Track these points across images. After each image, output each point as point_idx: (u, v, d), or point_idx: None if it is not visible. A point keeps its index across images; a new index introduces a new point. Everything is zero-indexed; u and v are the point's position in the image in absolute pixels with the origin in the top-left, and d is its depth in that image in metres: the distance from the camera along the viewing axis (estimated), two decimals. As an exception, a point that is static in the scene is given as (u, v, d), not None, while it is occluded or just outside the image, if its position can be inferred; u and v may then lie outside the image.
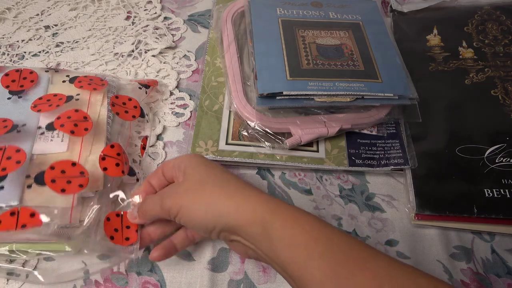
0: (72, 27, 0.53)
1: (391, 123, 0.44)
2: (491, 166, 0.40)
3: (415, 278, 0.23)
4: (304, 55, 0.43)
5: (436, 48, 0.49)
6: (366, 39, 0.45)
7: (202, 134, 0.42)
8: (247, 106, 0.42)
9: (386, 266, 0.24)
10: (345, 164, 0.41)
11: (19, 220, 0.31)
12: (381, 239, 0.38)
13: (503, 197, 0.38)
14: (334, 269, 0.24)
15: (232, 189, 0.29)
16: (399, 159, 0.41)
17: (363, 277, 0.23)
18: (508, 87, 0.45)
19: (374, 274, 0.23)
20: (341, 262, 0.24)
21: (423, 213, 0.38)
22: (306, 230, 0.26)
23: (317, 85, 0.40)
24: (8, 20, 0.54)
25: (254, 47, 0.43)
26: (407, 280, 0.23)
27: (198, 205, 0.29)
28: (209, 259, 0.36)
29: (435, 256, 0.37)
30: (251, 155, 0.41)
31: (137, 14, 0.55)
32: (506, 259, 0.37)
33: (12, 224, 0.30)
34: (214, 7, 0.52)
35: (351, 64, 0.42)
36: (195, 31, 0.54)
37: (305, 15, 0.48)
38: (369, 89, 0.40)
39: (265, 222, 0.27)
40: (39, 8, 0.55)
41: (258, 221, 0.27)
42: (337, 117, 0.42)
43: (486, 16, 0.51)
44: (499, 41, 0.49)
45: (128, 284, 0.35)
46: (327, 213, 0.40)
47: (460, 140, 0.41)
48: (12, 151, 0.33)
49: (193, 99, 0.47)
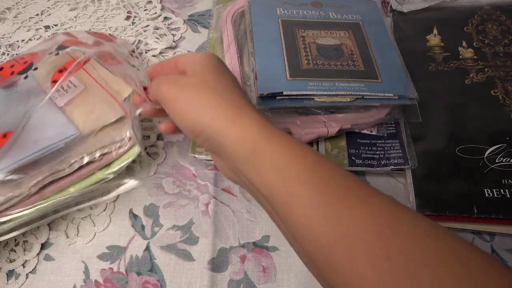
0: (72, 27, 0.53)
1: (391, 123, 0.44)
2: (491, 166, 0.40)
3: (418, 221, 0.21)
4: (304, 55, 0.43)
5: (436, 48, 0.49)
6: (366, 39, 0.45)
7: (202, 134, 0.42)
8: (247, 106, 0.42)
9: (386, 204, 0.21)
10: (345, 164, 0.41)
11: None
12: (381, 239, 0.38)
13: (503, 197, 0.38)
14: (327, 198, 0.21)
15: (230, 102, 0.26)
16: (399, 159, 0.41)
17: (360, 210, 0.21)
18: (508, 87, 0.45)
19: (372, 209, 0.21)
20: (337, 193, 0.22)
21: (423, 213, 0.38)
22: (299, 158, 0.23)
23: (317, 85, 0.40)
24: (8, 20, 0.54)
25: (254, 47, 0.43)
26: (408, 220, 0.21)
27: (192, 105, 0.27)
28: (209, 259, 0.36)
29: (435, 256, 0.37)
30: (251, 155, 0.41)
31: (137, 14, 0.55)
32: (506, 259, 0.37)
33: None
34: (214, 7, 0.52)
35: (351, 64, 0.42)
36: (195, 31, 0.54)
37: (305, 15, 0.48)
38: (369, 89, 0.40)
39: (256, 145, 0.24)
40: (39, 8, 0.55)
41: (249, 142, 0.24)
42: (337, 117, 0.42)
43: (486, 16, 0.51)
44: (499, 41, 0.49)
45: (128, 284, 0.35)
46: (327, 213, 0.40)
47: (460, 140, 0.41)
48: None
49: (193, 99, 0.47)
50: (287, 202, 0.22)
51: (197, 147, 0.41)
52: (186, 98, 0.27)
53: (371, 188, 0.23)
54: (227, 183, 0.41)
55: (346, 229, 0.20)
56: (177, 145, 0.44)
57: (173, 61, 0.32)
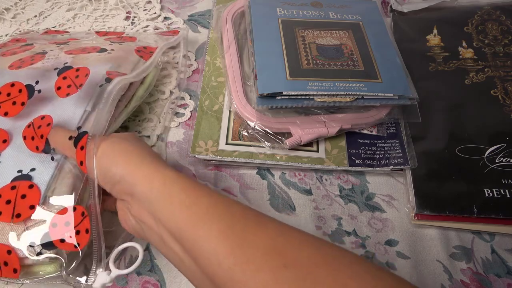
0: (71, 27, 0.53)
1: (391, 123, 0.44)
2: (491, 166, 0.40)
3: (306, 235, 0.25)
4: (304, 55, 0.43)
5: (436, 48, 0.49)
6: (366, 39, 0.45)
7: (202, 134, 0.42)
8: (247, 106, 0.42)
9: (281, 227, 0.25)
10: (345, 164, 0.41)
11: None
12: (381, 239, 0.38)
13: (503, 197, 0.38)
14: (231, 226, 0.24)
15: (140, 153, 0.29)
16: (399, 159, 0.41)
17: (259, 234, 0.24)
18: (508, 87, 0.45)
19: (270, 231, 0.25)
20: (239, 222, 0.25)
21: (423, 213, 0.38)
22: (205, 198, 0.26)
23: (317, 85, 0.40)
24: (6, 21, 0.54)
25: (254, 47, 0.43)
26: (298, 236, 0.25)
27: (110, 150, 0.29)
28: (209, 259, 0.36)
29: (435, 256, 0.37)
30: (251, 155, 0.41)
31: (136, 14, 0.55)
32: (506, 259, 0.37)
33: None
34: (214, 7, 0.52)
35: (351, 64, 0.42)
36: (195, 31, 0.54)
37: (305, 15, 0.48)
38: (369, 89, 0.40)
39: (168, 181, 0.27)
40: (37, 9, 0.55)
41: (161, 179, 0.27)
42: (337, 117, 0.42)
43: (486, 16, 0.51)
44: (499, 41, 0.49)
45: (128, 284, 0.35)
46: (327, 213, 0.40)
47: (460, 140, 0.41)
48: None
49: (193, 99, 0.47)
50: (195, 234, 0.24)
51: (197, 148, 0.41)
52: (102, 149, 0.29)
53: (267, 216, 0.26)
54: (227, 183, 0.41)
55: (248, 251, 0.23)
56: (177, 145, 0.44)
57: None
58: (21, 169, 0.32)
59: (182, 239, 0.25)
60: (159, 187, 0.26)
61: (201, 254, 0.24)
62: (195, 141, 0.42)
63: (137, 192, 0.27)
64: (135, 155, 0.28)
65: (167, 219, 0.26)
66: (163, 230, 0.27)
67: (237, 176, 0.42)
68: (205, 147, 0.41)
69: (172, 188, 0.26)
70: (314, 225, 0.39)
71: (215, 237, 0.24)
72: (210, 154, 0.41)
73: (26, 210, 0.30)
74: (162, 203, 0.26)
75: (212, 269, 0.24)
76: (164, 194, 0.26)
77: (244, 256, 0.23)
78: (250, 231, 0.24)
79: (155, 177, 0.27)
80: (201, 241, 0.24)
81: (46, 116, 0.34)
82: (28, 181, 0.31)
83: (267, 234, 0.24)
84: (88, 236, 0.29)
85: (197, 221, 0.25)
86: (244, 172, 0.42)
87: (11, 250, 0.29)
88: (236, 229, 0.24)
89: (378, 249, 0.38)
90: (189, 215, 0.25)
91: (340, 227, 0.39)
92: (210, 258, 0.24)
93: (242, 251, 0.23)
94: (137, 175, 0.27)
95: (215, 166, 0.42)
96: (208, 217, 0.25)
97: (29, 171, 0.32)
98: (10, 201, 0.30)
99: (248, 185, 0.41)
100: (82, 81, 0.35)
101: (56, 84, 0.35)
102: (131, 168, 0.27)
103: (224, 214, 0.25)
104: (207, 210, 0.25)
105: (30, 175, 0.31)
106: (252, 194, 0.41)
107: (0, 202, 0.30)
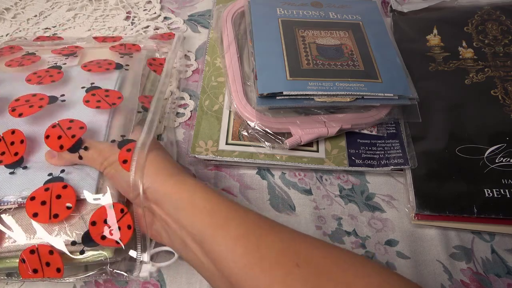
0: (71, 27, 0.53)
1: (391, 123, 0.44)
2: (491, 166, 0.40)
3: (314, 239, 0.28)
4: (304, 55, 0.43)
5: (436, 48, 0.49)
6: (366, 39, 0.45)
7: (202, 134, 0.42)
8: (247, 106, 0.42)
9: (291, 231, 0.28)
10: (345, 164, 0.41)
11: None
12: (381, 239, 0.38)
13: (503, 197, 0.38)
14: (247, 231, 0.27)
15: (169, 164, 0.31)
16: (399, 159, 0.41)
17: (271, 237, 0.27)
18: (508, 87, 0.45)
19: (282, 235, 0.27)
20: (253, 227, 0.27)
21: (423, 213, 0.38)
22: (224, 205, 0.29)
23: (317, 85, 0.40)
24: (6, 21, 0.54)
25: (254, 47, 0.43)
26: (309, 240, 0.27)
27: (136, 160, 0.30)
28: (209, 259, 0.36)
29: (435, 256, 0.37)
30: (251, 155, 0.41)
31: (136, 14, 0.55)
32: (506, 259, 0.37)
33: None
34: (214, 7, 0.52)
35: (351, 64, 0.42)
36: (195, 31, 0.54)
37: (305, 15, 0.48)
38: (369, 89, 0.40)
39: (191, 194, 0.29)
40: (37, 9, 0.55)
41: (186, 190, 0.29)
42: (337, 117, 0.42)
43: (486, 16, 0.51)
44: (499, 41, 0.49)
45: (128, 284, 0.35)
46: (327, 213, 0.40)
47: (460, 140, 0.41)
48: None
49: (193, 99, 0.47)
50: (215, 237, 0.27)
51: (197, 148, 0.41)
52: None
53: (279, 223, 0.29)
54: (227, 183, 0.41)
55: (262, 251, 0.26)
56: (177, 145, 0.44)
57: None
58: (51, 172, 0.32)
59: (203, 242, 0.28)
60: (186, 197, 0.29)
61: (219, 255, 0.26)
62: (195, 141, 0.42)
63: (165, 201, 0.29)
64: (162, 167, 0.31)
65: (191, 225, 0.28)
66: (185, 235, 0.29)
67: (237, 176, 0.42)
68: (205, 147, 0.41)
69: (196, 197, 0.29)
70: (314, 225, 0.39)
71: (232, 240, 0.26)
72: (210, 154, 0.41)
73: (63, 210, 0.30)
74: (187, 211, 0.29)
75: (229, 268, 0.26)
76: (190, 203, 0.29)
77: (258, 256, 0.25)
78: (265, 235, 0.27)
79: (182, 188, 0.29)
80: (220, 244, 0.27)
81: (76, 120, 0.34)
82: (61, 182, 0.31)
83: (280, 238, 0.27)
84: (131, 232, 0.30)
85: (217, 226, 0.27)
86: (244, 172, 0.42)
87: (53, 250, 0.30)
88: (251, 233, 0.27)
89: (378, 249, 0.38)
90: (210, 221, 0.28)
91: (340, 227, 0.39)
92: (227, 258, 0.26)
93: (256, 251, 0.26)
94: (166, 187, 0.29)
95: (215, 166, 0.42)
96: (227, 223, 0.27)
97: (59, 173, 0.32)
98: (45, 202, 0.30)
99: (248, 185, 0.41)
100: (115, 101, 0.36)
101: (84, 98, 0.36)
102: (160, 180, 0.30)
103: (241, 220, 0.28)
104: (226, 216, 0.28)
105: (62, 177, 0.32)
106: (252, 194, 0.41)
107: (35, 204, 0.30)
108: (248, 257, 0.26)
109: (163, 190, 0.29)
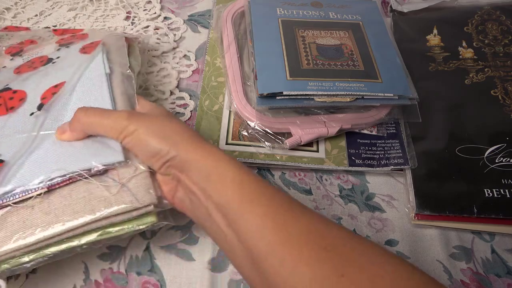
0: (71, 27, 0.53)
1: (391, 123, 0.44)
2: (491, 166, 0.40)
3: (341, 227, 0.27)
4: (304, 55, 0.43)
5: (436, 48, 0.49)
6: (366, 39, 0.45)
7: (202, 134, 0.42)
8: (247, 106, 0.42)
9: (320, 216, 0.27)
10: (345, 164, 0.41)
11: None
12: (381, 239, 0.38)
13: (503, 197, 0.38)
14: (275, 209, 0.26)
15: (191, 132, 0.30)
16: (399, 159, 0.41)
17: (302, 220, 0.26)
18: (508, 87, 0.45)
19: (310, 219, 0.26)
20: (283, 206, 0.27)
21: (423, 213, 0.38)
22: (253, 177, 0.28)
23: (317, 85, 0.40)
24: (7, 21, 0.54)
25: (254, 47, 0.43)
26: (335, 227, 0.26)
27: (158, 128, 0.29)
28: (209, 259, 0.36)
29: (435, 256, 0.38)
30: (251, 155, 0.41)
31: (136, 14, 0.55)
32: (506, 259, 0.37)
33: None
34: (214, 7, 0.52)
35: (351, 64, 0.43)
36: (195, 31, 0.54)
37: (305, 15, 0.48)
38: (369, 89, 0.40)
39: (218, 163, 0.28)
40: (38, 8, 0.55)
41: (215, 159, 0.28)
42: (337, 117, 0.42)
43: (486, 16, 0.51)
44: (499, 41, 0.49)
45: (128, 284, 0.35)
46: (327, 213, 0.40)
47: (460, 140, 0.41)
48: None
49: (193, 99, 0.47)
50: (242, 209, 0.26)
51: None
52: (152, 122, 0.30)
53: (307, 207, 0.28)
54: (227, 183, 0.41)
55: (291, 230, 0.25)
56: (177, 145, 0.44)
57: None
58: None
59: (228, 213, 0.27)
60: (214, 167, 0.28)
61: (245, 227, 0.26)
62: (195, 141, 0.42)
63: (192, 169, 0.28)
64: (187, 136, 0.30)
65: (218, 195, 0.27)
66: (210, 204, 0.28)
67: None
68: (205, 147, 0.41)
69: (226, 168, 0.28)
70: (314, 225, 0.39)
71: (260, 215, 0.26)
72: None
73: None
74: (215, 181, 0.28)
75: (253, 242, 0.25)
76: (218, 174, 0.28)
77: (286, 234, 0.25)
78: (293, 215, 0.26)
79: (210, 158, 0.28)
80: (246, 216, 0.26)
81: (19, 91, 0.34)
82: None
83: (309, 219, 0.26)
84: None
85: (244, 198, 0.27)
86: (244, 172, 0.42)
87: None
88: (280, 211, 0.26)
89: (378, 249, 0.38)
90: (238, 191, 0.27)
91: (340, 227, 0.39)
92: (253, 232, 0.25)
93: (284, 229, 0.25)
94: (194, 155, 0.29)
95: (215, 166, 0.42)
96: (256, 196, 0.27)
97: None
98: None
99: (248, 185, 0.41)
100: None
101: None
102: (187, 149, 0.29)
103: (270, 196, 0.27)
104: (256, 190, 0.27)
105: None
106: (252, 194, 0.41)
107: None
108: (275, 234, 0.25)
109: (192, 158, 0.28)
